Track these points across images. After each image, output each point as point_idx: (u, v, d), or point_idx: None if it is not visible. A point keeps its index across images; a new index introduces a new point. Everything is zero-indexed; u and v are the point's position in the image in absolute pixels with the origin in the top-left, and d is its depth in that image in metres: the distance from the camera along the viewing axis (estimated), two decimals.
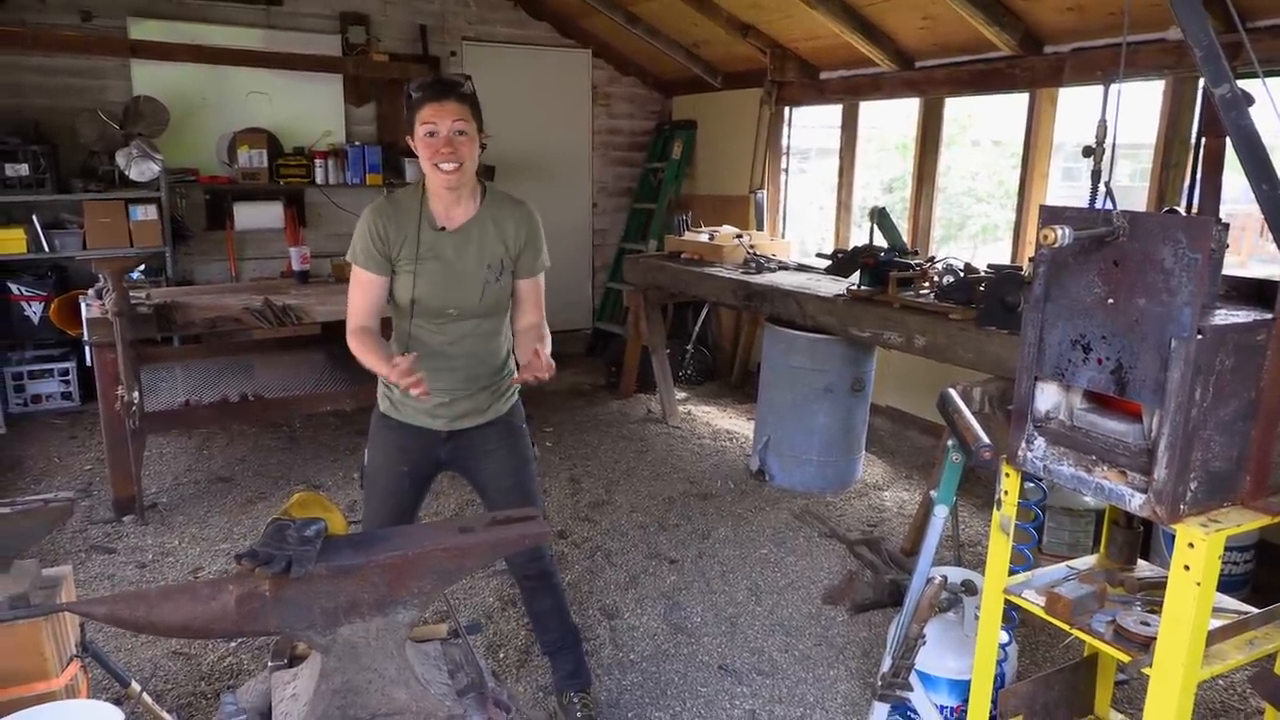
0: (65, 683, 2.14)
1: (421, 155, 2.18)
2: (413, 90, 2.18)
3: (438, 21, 6.59)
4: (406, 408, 2.36)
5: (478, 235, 2.29)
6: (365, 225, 2.24)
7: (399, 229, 2.24)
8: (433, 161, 2.16)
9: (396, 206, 2.26)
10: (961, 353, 3.54)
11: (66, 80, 5.54)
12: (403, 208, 2.26)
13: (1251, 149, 1.54)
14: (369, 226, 2.24)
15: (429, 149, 2.16)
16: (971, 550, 3.84)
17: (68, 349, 5.51)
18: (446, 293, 2.26)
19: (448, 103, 2.15)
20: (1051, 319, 1.79)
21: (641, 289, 5.62)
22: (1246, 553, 3.38)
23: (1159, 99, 3.92)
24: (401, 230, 2.24)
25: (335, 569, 1.72)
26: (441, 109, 2.14)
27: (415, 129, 2.18)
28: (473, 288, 2.28)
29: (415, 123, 2.17)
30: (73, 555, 3.61)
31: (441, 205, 2.26)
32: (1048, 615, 1.92)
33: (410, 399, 2.21)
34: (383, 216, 2.24)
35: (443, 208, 2.26)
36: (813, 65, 5.82)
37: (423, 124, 2.15)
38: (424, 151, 2.17)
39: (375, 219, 2.24)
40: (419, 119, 2.16)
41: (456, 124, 2.15)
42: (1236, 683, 2.90)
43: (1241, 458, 1.69)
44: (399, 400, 2.36)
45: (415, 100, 2.17)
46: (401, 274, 2.26)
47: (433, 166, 2.17)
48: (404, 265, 2.25)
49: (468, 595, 3.40)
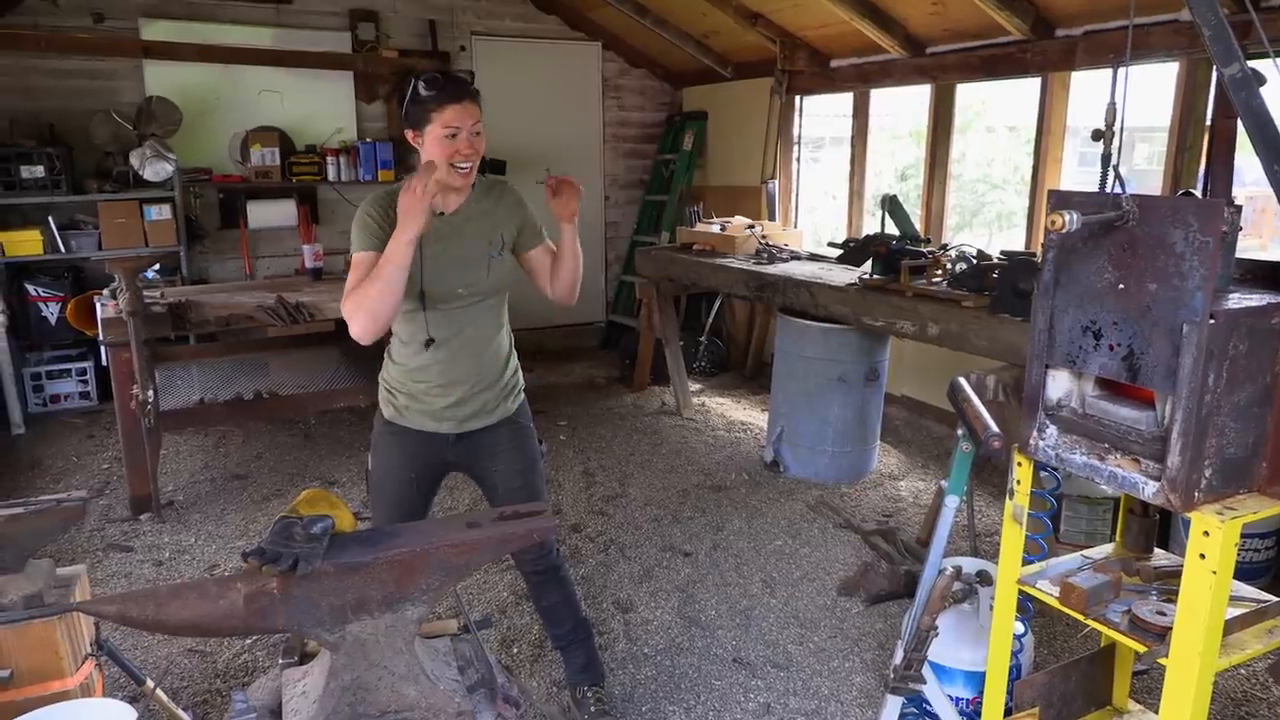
0: (80, 681, 2.16)
1: (436, 154, 2.15)
2: (424, 88, 2.13)
3: (447, 16, 6.59)
4: (413, 413, 2.33)
5: (477, 214, 2.29)
6: (365, 215, 2.20)
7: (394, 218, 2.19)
8: (452, 162, 2.15)
9: (392, 197, 2.20)
10: (975, 341, 3.51)
11: (80, 82, 5.58)
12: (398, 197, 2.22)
13: (1262, 129, 1.51)
14: (369, 215, 2.19)
15: (448, 149, 2.14)
16: (988, 540, 3.81)
17: (85, 349, 5.57)
18: (455, 273, 2.25)
19: (468, 104, 2.14)
20: (1062, 305, 1.76)
21: (654, 281, 5.61)
22: (1267, 539, 3.33)
23: (1172, 81, 3.86)
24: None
25: (342, 566, 1.73)
26: (464, 111, 2.13)
27: (430, 127, 2.13)
28: (479, 264, 2.28)
29: (430, 121, 2.13)
30: (90, 554, 3.65)
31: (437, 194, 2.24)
32: (1062, 605, 1.89)
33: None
34: (380, 206, 2.19)
35: (439, 196, 2.24)
36: (823, 54, 5.77)
37: (444, 126, 2.12)
38: (441, 151, 2.14)
39: (373, 209, 2.20)
40: (438, 120, 2.12)
41: (475, 125, 2.15)
42: (1258, 672, 2.86)
43: (1257, 444, 1.66)
44: (405, 406, 2.33)
45: (430, 99, 2.12)
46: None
47: (450, 166, 2.15)
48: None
49: (481, 590, 3.41)
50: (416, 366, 2.28)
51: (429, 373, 2.28)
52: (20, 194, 5.16)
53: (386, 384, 2.38)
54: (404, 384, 2.32)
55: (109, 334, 3.81)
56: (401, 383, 2.33)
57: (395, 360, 2.34)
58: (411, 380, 2.30)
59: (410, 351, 2.29)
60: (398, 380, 2.33)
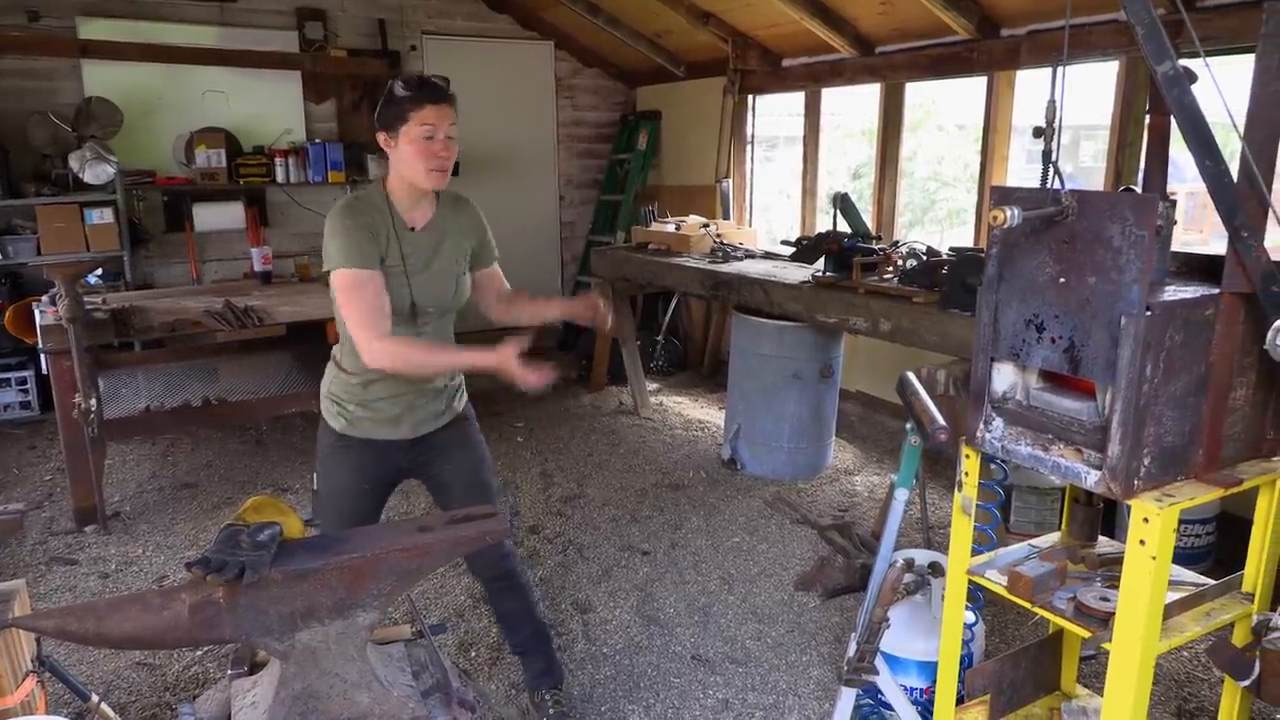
0: (21, 699, 2.09)
1: (412, 156, 2.09)
2: (401, 88, 2.09)
3: (397, 15, 6.51)
4: (365, 423, 2.27)
5: (443, 232, 2.26)
6: (347, 224, 2.10)
7: (378, 229, 2.14)
8: (429, 166, 2.10)
9: (367, 205, 2.16)
10: (926, 336, 3.56)
11: (15, 82, 5.42)
12: (374, 207, 2.16)
13: (1194, 126, 1.55)
14: (353, 224, 2.10)
15: (426, 151, 2.09)
16: (941, 532, 3.86)
17: (25, 357, 5.39)
18: (429, 291, 2.22)
19: (444, 106, 2.11)
20: (1005, 300, 1.79)
21: (610, 281, 5.60)
22: (1208, 525, 3.42)
23: (1113, 80, 3.95)
24: (380, 231, 2.14)
25: (291, 573, 1.70)
26: (440, 112, 2.09)
27: (405, 127, 2.08)
28: (448, 283, 2.26)
29: (406, 121, 2.08)
30: (32, 568, 3.54)
31: (404, 206, 2.20)
32: (1010, 594, 1.93)
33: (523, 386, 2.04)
34: (361, 215, 2.12)
35: (406, 208, 2.20)
36: (774, 53, 5.81)
37: (422, 124, 2.08)
38: (419, 152, 2.09)
39: (355, 217, 2.11)
40: (415, 119, 2.07)
41: (451, 127, 2.13)
42: (1200, 653, 2.94)
43: (1194, 432, 1.70)
44: (357, 417, 2.27)
45: (408, 99, 2.08)
46: (392, 276, 2.14)
47: (426, 170, 2.11)
48: (393, 268, 2.15)
49: (438, 595, 3.38)
50: (374, 379, 2.22)
51: (385, 385, 2.24)
52: None
53: (334, 396, 2.29)
54: (355, 394, 2.26)
55: (49, 341, 3.71)
56: (352, 393, 2.26)
57: (348, 370, 2.25)
58: (365, 391, 2.25)
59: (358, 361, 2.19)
60: (347, 392, 2.27)
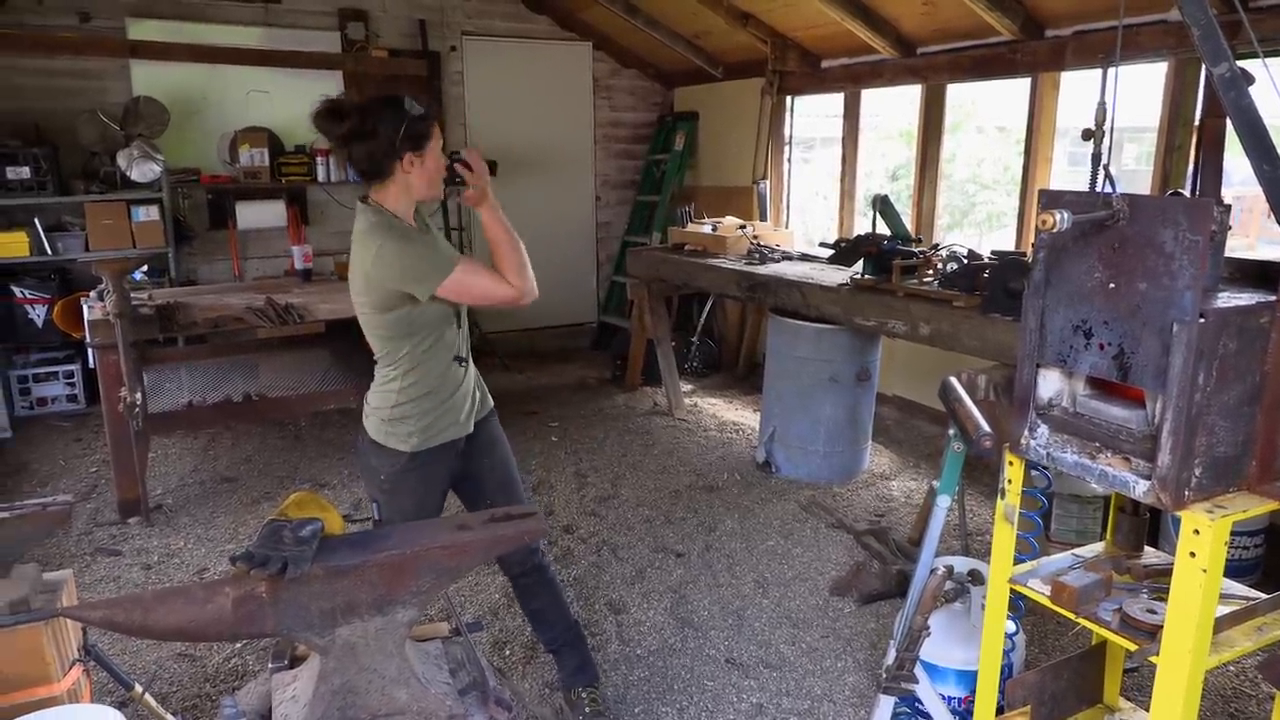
0: (68, 687, 2.14)
1: (435, 169, 2.20)
2: (418, 107, 2.16)
3: (437, 16, 6.57)
4: (439, 427, 2.28)
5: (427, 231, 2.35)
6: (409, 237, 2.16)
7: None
8: (444, 179, 2.23)
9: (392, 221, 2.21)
10: (966, 340, 3.51)
11: (66, 82, 5.54)
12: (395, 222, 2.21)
13: (1251, 129, 1.51)
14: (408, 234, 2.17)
15: (440, 167, 2.21)
16: (980, 539, 3.81)
17: (72, 351, 5.52)
18: None
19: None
20: (1052, 305, 1.77)
21: (646, 282, 5.60)
22: (1256, 537, 3.34)
23: (1161, 81, 3.87)
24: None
25: (332, 569, 1.72)
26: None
27: (430, 142, 2.18)
28: None
29: (430, 135, 2.18)
30: (78, 558, 3.62)
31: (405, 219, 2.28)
32: (1053, 604, 1.90)
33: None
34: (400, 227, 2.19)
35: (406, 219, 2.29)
36: (814, 54, 5.78)
37: (437, 139, 2.21)
38: (437, 165, 2.21)
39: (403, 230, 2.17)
40: (434, 133, 2.19)
41: None
42: (1248, 669, 2.87)
43: (1247, 442, 1.66)
44: (429, 425, 2.26)
45: (427, 113, 2.17)
46: None
47: (441, 184, 2.24)
48: None
49: (474, 592, 3.39)
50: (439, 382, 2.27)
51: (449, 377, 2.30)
52: (6, 195, 5.12)
53: (400, 417, 2.25)
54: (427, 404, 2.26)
55: (96, 336, 3.78)
56: (420, 405, 2.25)
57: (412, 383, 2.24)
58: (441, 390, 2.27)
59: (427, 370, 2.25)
60: (415, 404, 2.25)
